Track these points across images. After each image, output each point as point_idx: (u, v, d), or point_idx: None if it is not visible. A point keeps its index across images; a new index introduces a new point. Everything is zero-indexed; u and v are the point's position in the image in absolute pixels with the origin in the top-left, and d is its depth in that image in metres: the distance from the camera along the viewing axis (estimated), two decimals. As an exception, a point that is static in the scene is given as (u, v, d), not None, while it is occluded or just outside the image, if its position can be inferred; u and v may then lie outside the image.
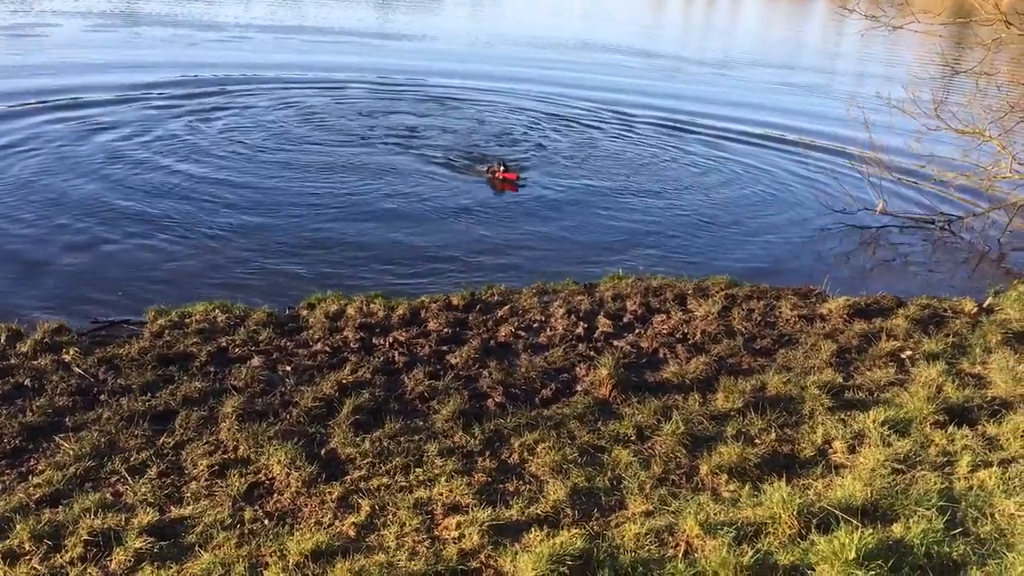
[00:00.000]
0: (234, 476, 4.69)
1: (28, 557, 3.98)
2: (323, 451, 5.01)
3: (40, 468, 4.73)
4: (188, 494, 4.55)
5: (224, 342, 6.42)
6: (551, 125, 16.22)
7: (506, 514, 4.40)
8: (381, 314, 7.11)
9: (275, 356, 6.25)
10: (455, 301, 7.53)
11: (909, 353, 6.81)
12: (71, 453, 4.83)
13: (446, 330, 6.87)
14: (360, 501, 4.51)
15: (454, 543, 4.16)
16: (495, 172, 11.95)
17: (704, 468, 4.96)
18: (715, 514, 4.41)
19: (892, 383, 6.23)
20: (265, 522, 4.33)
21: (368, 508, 4.44)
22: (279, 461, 4.79)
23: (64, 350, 6.08)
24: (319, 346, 6.46)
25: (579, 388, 5.99)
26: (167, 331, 6.56)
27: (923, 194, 12.95)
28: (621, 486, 4.77)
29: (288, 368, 6.06)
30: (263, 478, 4.72)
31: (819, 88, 25.00)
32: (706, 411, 5.64)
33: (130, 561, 3.97)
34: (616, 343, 6.83)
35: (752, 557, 3.96)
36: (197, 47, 21.88)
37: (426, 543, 4.17)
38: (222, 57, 20.57)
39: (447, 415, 5.42)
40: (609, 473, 4.89)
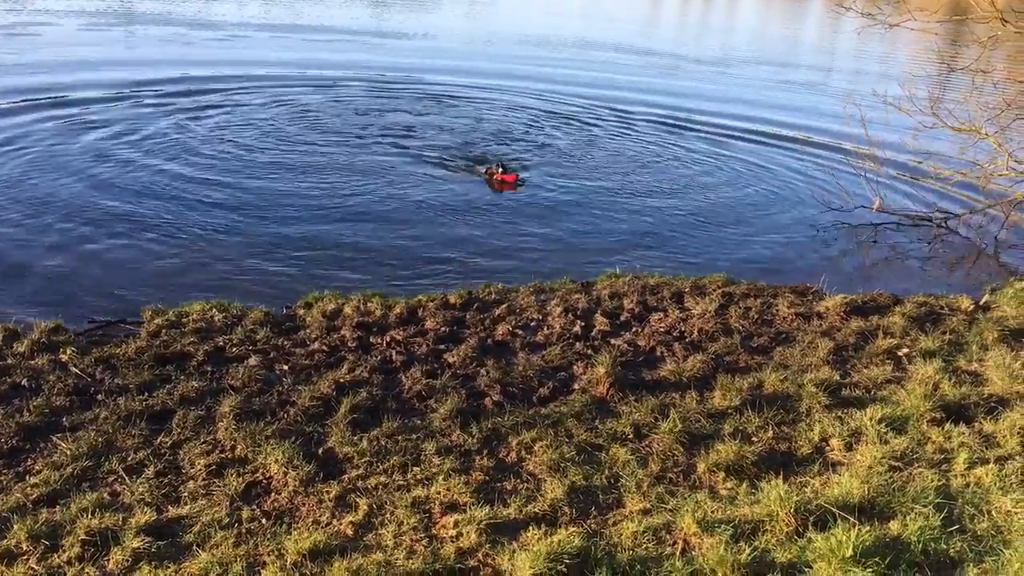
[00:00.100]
0: (232, 475, 4.69)
1: (25, 557, 3.97)
2: (321, 450, 5.01)
3: (37, 468, 4.72)
4: (186, 494, 4.55)
5: (221, 341, 6.41)
6: (550, 123, 16.21)
7: (504, 512, 4.40)
8: (378, 313, 7.11)
9: (272, 355, 6.25)
10: (452, 300, 7.53)
11: (906, 351, 6.82)
12: (68, 453, 4.83)
13: (443, 329, 6.87)
14: (358, 500, 4.51)
15: (452, 542, 4.16)
16: (494, 173, 11.92)
17: (701, 466, 4.97)
18: (713, 512, 4.42)
19: (889, 381, 6.24)
20: (263, 521, 4.33)
21: (366, 507, 4.45)
22: (277, 460, 4.79)
23: (61, 350, 6.07)
24: (316, 345, 6.46)
25: (576, 386, 5.99)
26: (164, 331, 6.55)
27: (920, 192, 12.97)
28: (619, 484, 4.78)
29: (285, 367, 6.05)
30: (261, 477, 4.72)
31: (816, 85, 25.02)
32: (703, 409, 5.65)
33: (128, 561, 3.97)
34: (613, 341, 6.84)
35: (749, 555, 3.96)
36: (193, 46, 21.84)
37: (424, 542, 4.17)
38: (217, 55, 20.55)
39: (445, 414, 5.42)
40: (607, 471, 4.89)
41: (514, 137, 14.88)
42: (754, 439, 5.31)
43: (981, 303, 8.14)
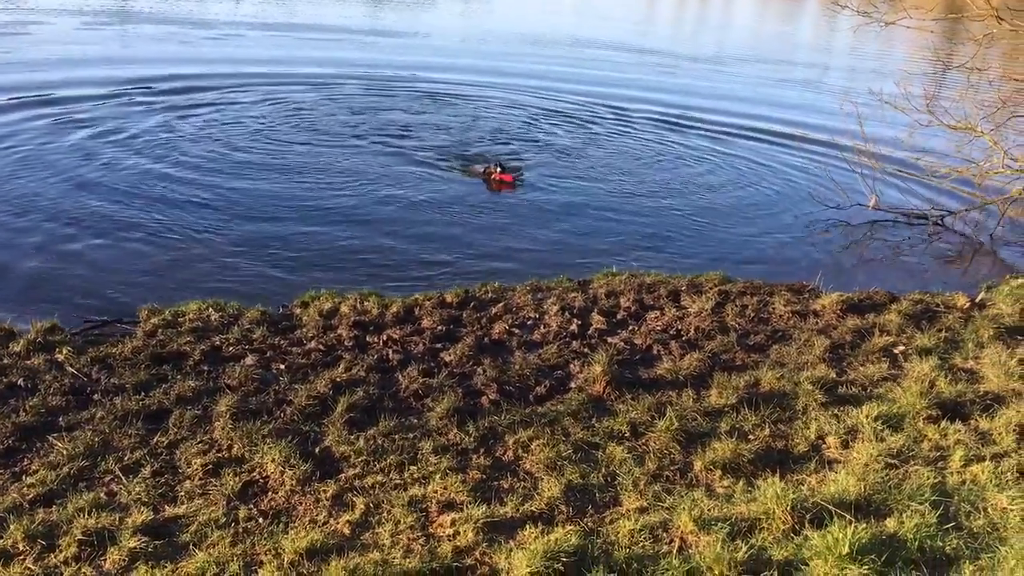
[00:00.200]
0: (228, 475, 4.69)
1: (22, 557, 3.97)
2: (317, 449, 5.01)
3: (34, 468, 4.71)
4: (182, 493, 4.54)
5: (218, 341, 6.41)
6: (547, 121, 16.19)
7: (501, 511, 4.41)
8: (375, 312, 7.11)
9: (269, 354, 6.24)
10: (449, 299, 7.52)
11: (902, 348, 6.84)
12: (65, 453, 4.82)
13: (440, 328, 6.87)
14: (355, 499, 4.51)
15: (449, 540, 4.16)
16: (492, 173, 11.87)
17: (698, 464, 4.98)
18: (709, 510, 4.43)
19: (885, 378, 6.25)
20: (259, 521, 4.33)
21: (363, 506, 4.45)
22: (273, 459, 4.78)
23: (57, 349, 6.05)
24: (313, 344, 6.45)
25: (573, 385, 6.00)
26: (160, 330, 6.54)
27: (916, 189, 12.99)
28: (615, 483, 4.79)
29: (282, 366, 6.05)
30: (257, 477, 4.72)
31: (812, 83, 25.05)
32: (700, 407, 5.66)
33: (124, 560, 3.97)
34: (610, 340, 6.84)
35: (746, 552, 3.97)
36: (188, 45, 21.77)
37: (421, 540, 4.17)
38: (211, 54, 20.48)
39: (441, 413, 5.42)
40: (603, 470, 4.90)
41: (511, 136, 14.86)
42: (751, 437, 5.32)
43: (977, 300, 8.16)
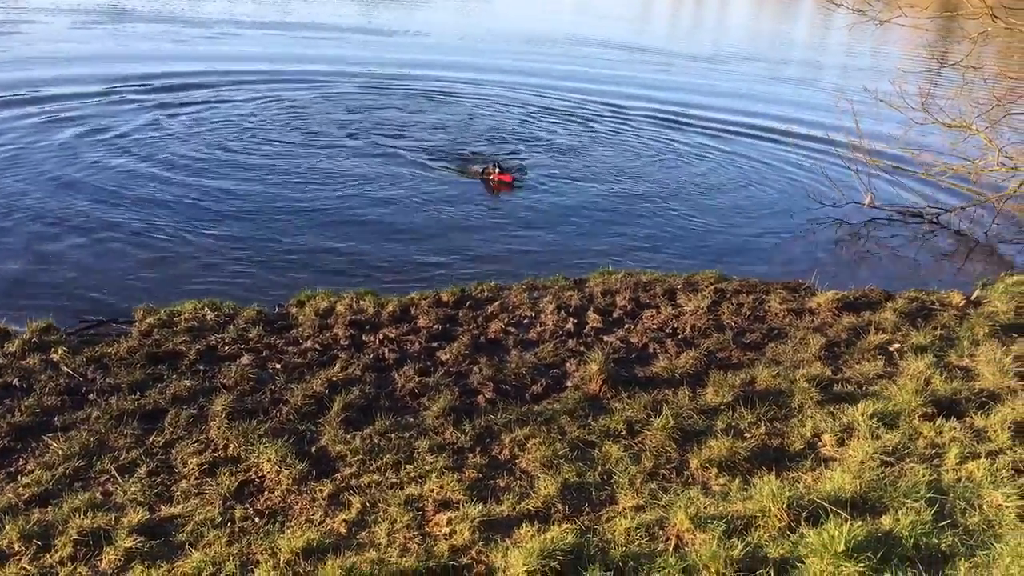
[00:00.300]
0: (224, 474, 4.68)
1: (18, 557, 3.96)
2: (314, 449, 5.00)
3: (29, 468, 4.71)
4: (178, 493, 4.54)
5: (213, 340, 6.40)
6: (544, 120, 16.18)
7: (497, 510, 4.41)
8: (371, 311, 7.10)
9: (265, 354, 6.23)
10: (445, 298, 7.52)
11: (897, 346, 6.85)
12: (60, 453, 4.81)
13: (436, 327, 6.87)
14: (351, 498, 4.51)
15: (445, 539, 4.17)
16: (490, 173, 11.80)
17: (694, 462, 4.98)
18: (705, 508, 4.43)
19: (881, 376, 6.26)
20: (256, 520, 4.32)
21: (359, 505, 4.45)
22: (269, 459, 4.78)
23: (52, 349, 6.04)
24: (309, 344, 6.45)
25: (569, 383, 6.00)
26: (156, 330, 6.53)
27: (911, 187, 13.00)
28: (611, 481, 4.79)
29: (278, 366, 6.04)
30: (253, 476, 4.71)
31: (807, 81, 25.08)
32: (696, 405, 5.66)
33: (120, 560, 3.96)
34: (606, 338, 6.84)
35: (742, 550, 3.97)
36: (182, 43, 21.70)
37: (417, 539, 4.17)
38: (206, 52, 20.41)
39: (437, 412, 5.42)
40: (599, 468, 4.90)
41: (509, 134, 14.83)
42: (747, 435, 5.32)
43: (972, 298, 8.17)
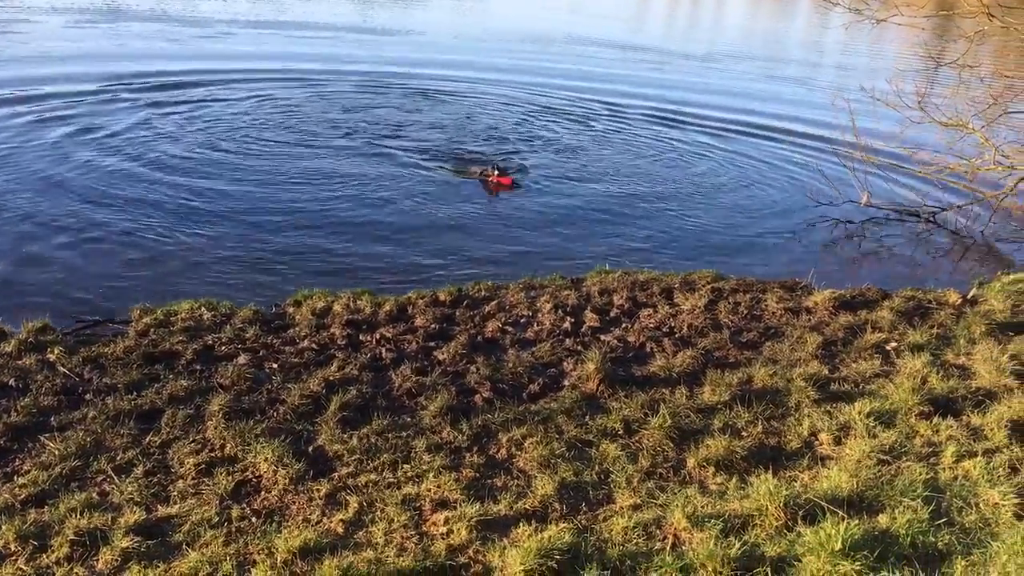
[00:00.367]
0: (221, 474, 4.68)
1: (14, 558, 3.95)
2: (310, 448, 5.00)
3: (25, 468, 4.70)
4: (175, 493, 4.53)
5: (210, 340, 6.39)
6: (542, 119, 16.17)
7: (494, 509, 4.41)
8: (368, 310, 7.09)
9: (262, 354, 6.23)
10: (442, 297, 7.52)
11: (894, 345, 6.85)
12: (56, 453, 4.80)
13: (433, 326, 6.86)
14: (348, 498, 4.51)
15: (442, 539, 4.16)
16: (489, 175, 11.74)
17: (691, 461, 4.98)
18: (702, 507, 4.43)
19: (877, 375, 6.26)
20: (252, 520, 4.32)
21: (356, 505, 4.44)
22: (266, 459, 4.77)
23: (49, 349, 6.03)
24: (306, 343, 6.44)
25: (566, 383, 6.00)
26: (152, 329, 6.52)
27: (908, 186, 13.02)
28: (609, 480, 4.79)
29: (275, 365, 6.03)
30: (250, 476, 4.71)
31: (804, 80, 25.12)
32: (693, 404, 5.66)
33: (117, 560, 3.96)
34: (603, 337, 6.84)
35: (739, 549, 3.97)
36: (178, 42, 21.66)
37: (414, 539, 4.17)
38: (201, 51, 20.42)
39: (435, 411, 5.41)
40: (597, 467, 4.90)
41: (506, 134, 14.81)
42: (744, 434, 5.33)
43: (969, 297, 8.18)
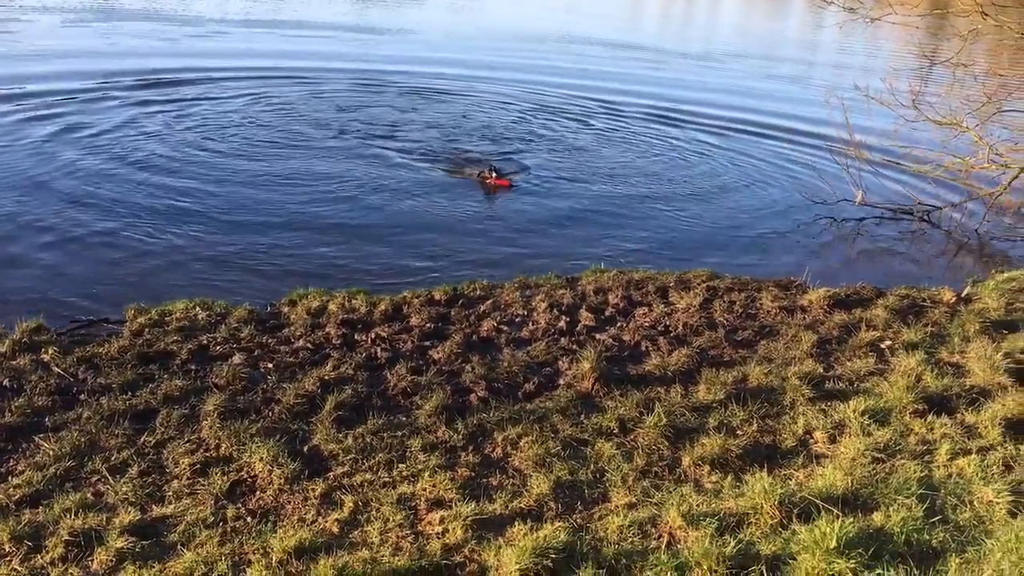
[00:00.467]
0: (216, 474, 4.67)
1: (8, 558, 3.94)
2: (306, 448, 4.99)
3: (20, 469, 4.68)
4: (170, 493, 4.52)
5: (205, 340, 6.37)
6: (538, 117, 16.15)
7: (489, 508, 4.41)
8: (363, 310, 7.09)
9: (257, 353, 6.22)
10: (437, 296, 7.51)
11: (888, 343, 6.87)
12: (51, 453, 4.79)
13: (428, 325, 6.86)
14: (343, 497, 4.50)
15: (438, 538, 4.16)
16: (486, 177, 11.68)
17: (686, 460, 4.99)
18: (698, 505, 4.44)
19: (872, 373, 6.28)
20: (248, 520, 4.31)
21: (351, 504, 4.44)
22: (261, 459, 4.77)
23: (43, 349, 6.01)
24: (301, 343, 6.43)
25: (562, 382, 6.00)
26: (147, 329, 6.50)
27: (902, 185, 13.03)
28: (604, 479, 4.79)
29: (270, 365, 6.03)
30: (245, 476, 4.70)
31: (799, 79, 25.16)
32: (688, 403, 5.67)
33: (112, 561, 3.95)
34: (598, 336, 6.85)
35: (734, 547, 3.98)
36: (172, 41, 21.60)
37: (410, 538, 4.17)
38: (195, 50, 20.34)
39: (430, 410, 5.41)
40: (592, 466, 4.90)
41: (502, 133, 14.75)
42: (739, 432, 5.33)
43: (963, 295, 8.21)
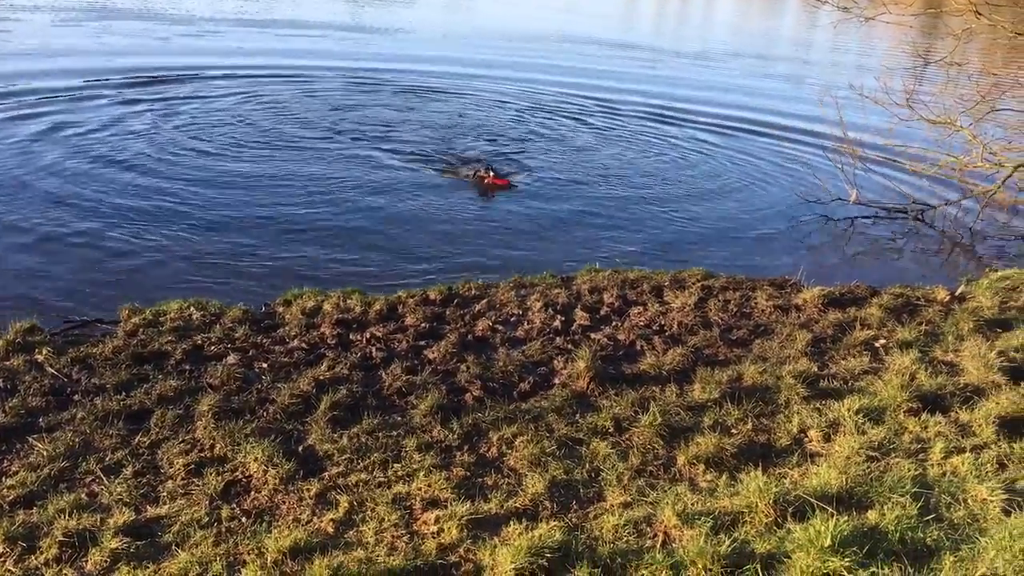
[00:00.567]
0: (211, 474, 4.66)
1: (2, 559, 3.93)
2: (300, 448, 4.99)
3: (13, 469, 4.66)
4: (164, 493, 4.51)
5: (200, 340, 6.36)
6: (534, 117, 16.15)
7: (485, 508, 4.41)
8: (358, 310, 7.08)
9: (251, 353, 6.20)
10: (432, 296, 7.51)
11: (883, 342, 6.88)
12: (45, 454, 4.77)
13: (423, 325, 6.85)
14: (338, 497, 4.50)
15: (433, 538, 4.16)
16: (483, 177, 11.65)
17: (681, 459, 4.99)
18: (692, 504, 4.44)
19: (866, 372, 6.29)
20: (242, 520, 4.30)
21: (346, 504, 4.43)
22: (256, 459, 4.76)
23: (36, 350, 5.99)
24: (296, 343, 6.42)
25: (557, 381, 6.00)
26: (141, 330, 6.49)
27: (896, 184, 13.06)
28: (599, 478, 4.79)
29: (264, 365, 6.01)
30: (240, 476, 4.69)
31: (793, 78, 25.21)
32: (683, 402, 5.68)
33: (106, 561, 3.94)
34: (593, 336, 6.85)
35: (729, 546, 3.98)
36: (165, 40, 21.55)
37: (405, 538, 4.17)
38: (189, 49, 20.31)
39: (425, 410, 5.41)
40: (587, 465, 4.90)
41: (499, 132, 14.75)
42: (733, 431, 5.34)
43: (957, 294, 8.22)
